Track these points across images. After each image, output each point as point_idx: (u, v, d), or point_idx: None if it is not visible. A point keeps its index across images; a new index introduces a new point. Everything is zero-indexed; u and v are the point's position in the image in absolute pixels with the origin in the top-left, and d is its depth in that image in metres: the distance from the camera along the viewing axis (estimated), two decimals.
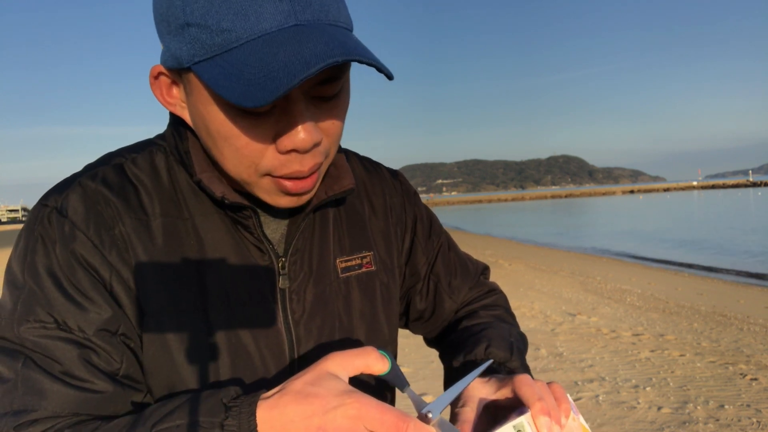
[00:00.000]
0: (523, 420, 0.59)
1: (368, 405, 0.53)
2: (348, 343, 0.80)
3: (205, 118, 0.63)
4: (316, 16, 0.58)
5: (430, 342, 1.00)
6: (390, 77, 0.59)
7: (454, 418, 0.67)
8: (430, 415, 0.56)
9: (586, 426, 0.68)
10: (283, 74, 0.54)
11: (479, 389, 0.69)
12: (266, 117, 0.61)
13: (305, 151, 0.64)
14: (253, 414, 0.55)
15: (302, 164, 0.65)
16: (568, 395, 0.68)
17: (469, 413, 0.66)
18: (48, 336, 0.63)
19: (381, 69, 0.58)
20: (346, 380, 0.57)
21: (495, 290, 0.99)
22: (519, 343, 0.84)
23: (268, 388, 0.72)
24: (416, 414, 0.58)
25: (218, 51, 0.58)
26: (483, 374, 0.72)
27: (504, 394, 0.66)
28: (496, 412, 0.68)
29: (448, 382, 0.85)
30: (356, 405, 0.52)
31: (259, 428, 0.54)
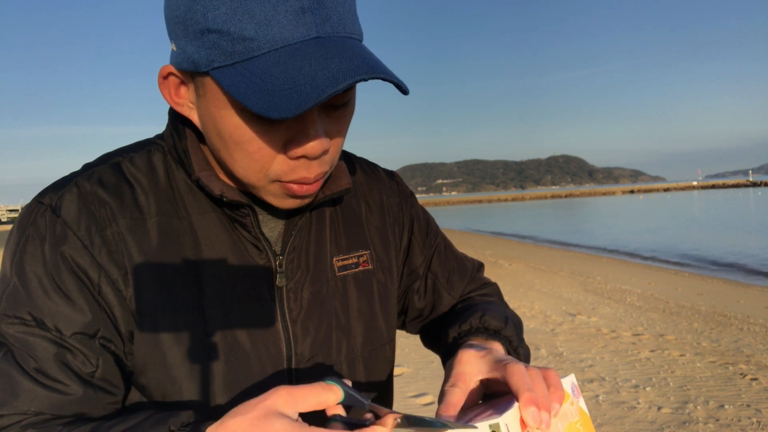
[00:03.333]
0: (499, 421, 0.58)
1: (288, 389, 0.52)
2: (345, 340, 0.80)
3: (217, 121, 0.64)
4: (335, 29, 0.60)
5: (426, 338, 0.99)
6: (406, 93, 0.60)
7: (441, 396, 0.67)
8: (398, 420, 0.56)
9: (585, 409, 0.67)
10: (310, 88, 0.55)
11: (472, 364, 0.68)
12: (279, 123, 0.62)
13: (314, 158, 0.65)
14: None
15: (309, 171, 0.66)
16: (572, 377, 0.67)
17: (458, 396, 0.65)
18: (27, 333, 0.64)
19: (400, 86, 0.59)
20: (295, 417, 0.55)
21: (489, 283, 1.01)
22: (515, 319, 0.85)
23: (263, 388, 0.72)
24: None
25: (239, 59, 0.58)
26: (479, 348, 0.72)
27: (495, 376, 0.66)
28: (489, 387, 0.68)
29: (446, 355, 0.84)
30: (284, 393, 0.52)
31: None
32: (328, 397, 0.56)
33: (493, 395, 0.68)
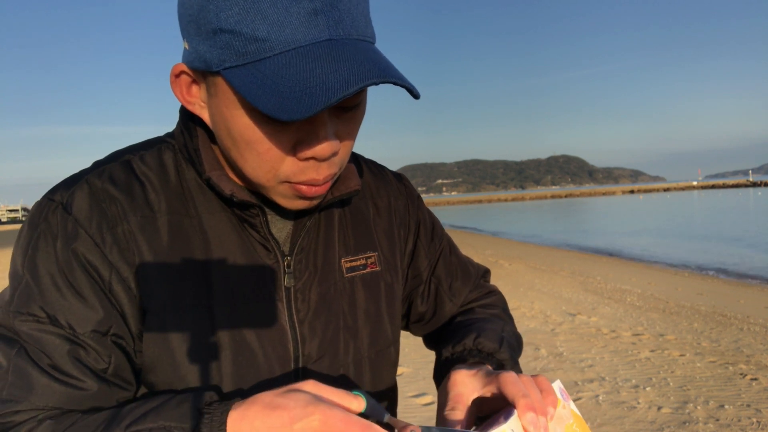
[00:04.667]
0: (505, 427, 0.59)
1: (333, 416, 0.53)
2: (352, 342, 0.80)
3: (228, 121, 0.64)
4: (347, 31, 0.60)
5: (429, 344, 1.00)
6: (417, 97, 0.60)
7: (442, 421, 0.67)
8: None
9: (577, 412, 0.68)
10: (320, 91, 0.55)
11: (466, 384, 0.69)
12: (289, 125, 0.63)
13: (324, 160, 0.65)
14: (224, 423, 0.55)
15: (318, 172, 0.67)
16: (559, 382, 0.68)
17: (458, 416, 0.66)
18: (40, 330, 0.64)
19: (411, 90, 0.59)
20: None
21: (494, 292, 1.00)
22: (511, 339, 0.85)
23: (270, 387, 0.72)
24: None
25: (251, 59, 0.59)
26: (470, 366, 0.73)
27: (490, 390, 0.66)
28: (483, 405, 0.68)
29: (437, 373, 0.84)
30: (321, 417, 0.53)
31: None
32: (350, 402, 0.57)
33: (487, 416, 0.68)
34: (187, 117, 0.74)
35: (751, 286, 10.17)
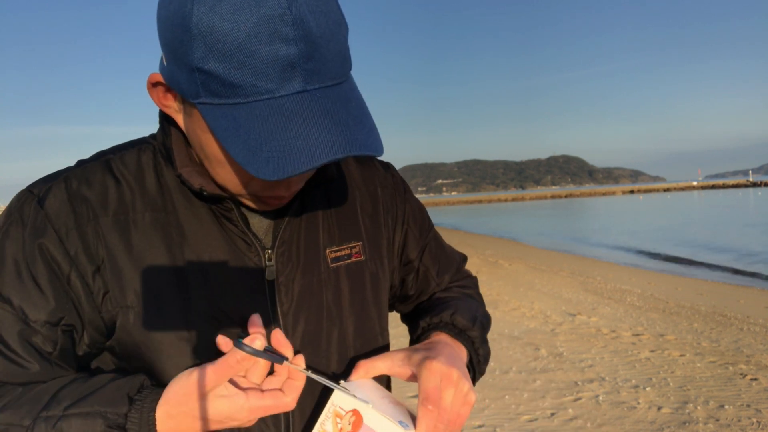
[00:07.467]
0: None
1: (212, 370, 0.62)
2: (337, 332, 0.80)
3: (201, 140, 0.67)
4: (322, 80, 0.61)
5: (405, 318, 1.04)
6: (379, 155, 0.62)
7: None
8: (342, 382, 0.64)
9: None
10: (287, 160, 0.57)
11: (392, 356, 0.76)
12: None
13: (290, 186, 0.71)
14: (153, 410, 0.63)
15: (287, 189, 0.71)
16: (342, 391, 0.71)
17: (362, 372, 0.75)
18: None
19: (374, 154, 0.61)
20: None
21: (469, 276, 1.04)
22: (483, 319, 0.91)
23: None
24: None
25: (225, 101, 0.60)
26: (446, 334, 0.82)
27: (405, 372, 0.74)
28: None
29: (412, 340, 0.91)
30: (210, 374, 0.62)
31: (157, 419, 0.63)
32: (242, 367, 0.63)
33: None
34: (163, 117, 0.75)
35: (751, 286, 10.17)
